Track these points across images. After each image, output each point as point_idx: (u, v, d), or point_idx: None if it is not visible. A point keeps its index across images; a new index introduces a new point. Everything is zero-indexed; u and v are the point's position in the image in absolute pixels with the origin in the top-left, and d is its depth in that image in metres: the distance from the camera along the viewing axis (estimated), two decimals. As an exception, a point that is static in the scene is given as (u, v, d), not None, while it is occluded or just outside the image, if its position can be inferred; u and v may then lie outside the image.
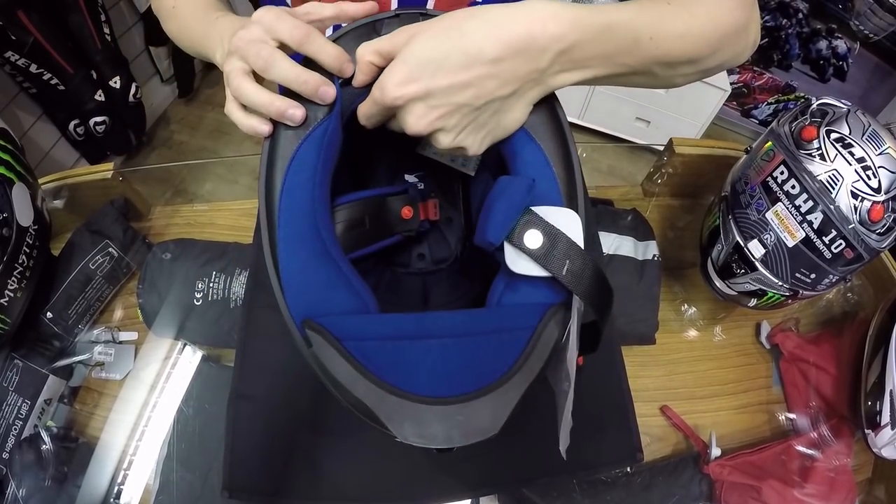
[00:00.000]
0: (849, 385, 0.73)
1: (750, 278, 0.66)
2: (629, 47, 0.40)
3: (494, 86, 0.37)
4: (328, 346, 0.36)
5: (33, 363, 0.70)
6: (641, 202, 0.94)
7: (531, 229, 0.37)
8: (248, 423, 0.55)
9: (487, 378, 0.36)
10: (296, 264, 0.39)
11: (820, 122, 0.59)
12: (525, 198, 0.38)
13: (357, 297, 0.39)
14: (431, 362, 0.36)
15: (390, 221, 0.50)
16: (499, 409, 0.35)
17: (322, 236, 0.39)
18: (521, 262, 0.38)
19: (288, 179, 0.40)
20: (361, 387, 0.35)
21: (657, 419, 0.74)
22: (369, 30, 0.43)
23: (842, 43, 1.98)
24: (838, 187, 0.56)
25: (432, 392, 0.35)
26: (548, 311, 0.38)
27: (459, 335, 0.37)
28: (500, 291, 0.40)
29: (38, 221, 0.71)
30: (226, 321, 0.70)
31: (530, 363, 0.37)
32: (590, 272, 0.38)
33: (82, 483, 0.65)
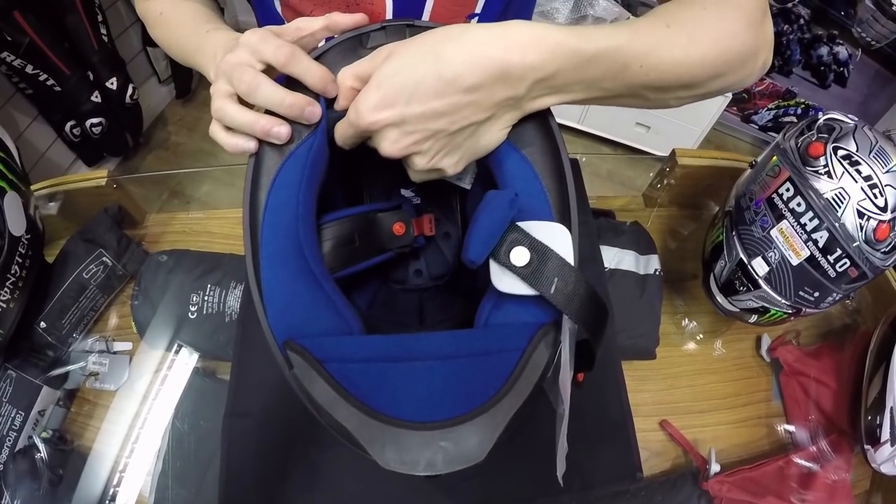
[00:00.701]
0: (849, 399, 0.73)
1: (753, 296, 0.65)
2: (616, 74, 0.39)
3: (470, 112, 0.37)
4: (309, 368, 0.35)
5: (27, 374, 0.69)
6: (643, 212, 0.93)
7: (517, 246, 0.36)
8: (243, 440, 0.55)
9: (473, 402, 0.34)
10: (278, 283, 0.38)
11: (827, 138, 0.58)
12: (507, 212, 0.37)
13: (340, 317, 0.38)
14: (415, 385, 0.35)
15: (381, 238, 0.49)
16: (485, 434, 0.34)
17: (305, 255, 0.39)
18: (508, 280, 0.37)
19: (271, 197, 0.39)
20: (342, 410, 0.34)
21: (656, 434, 0.74)
22: (355, 43, 0.42)
23: (843, 49, 1.98)
24: (844, 206, 0.56)
25: (415, 416, 0.34)
26: (538, 331, 0.37)
27: (444, 357, 0.36)
28: (487, 311, 0.39)
29: (30, 230, 0.70)
30: (221, 335, 0.69)
31: (519, 386, 0.35)
32: (581, 290, 0.36)
33: (75, 494, 0.64)
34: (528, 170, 0.41)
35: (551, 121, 0.42)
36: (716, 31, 0.41)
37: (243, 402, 0.56)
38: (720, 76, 0.43)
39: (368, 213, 0.49)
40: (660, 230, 0.90)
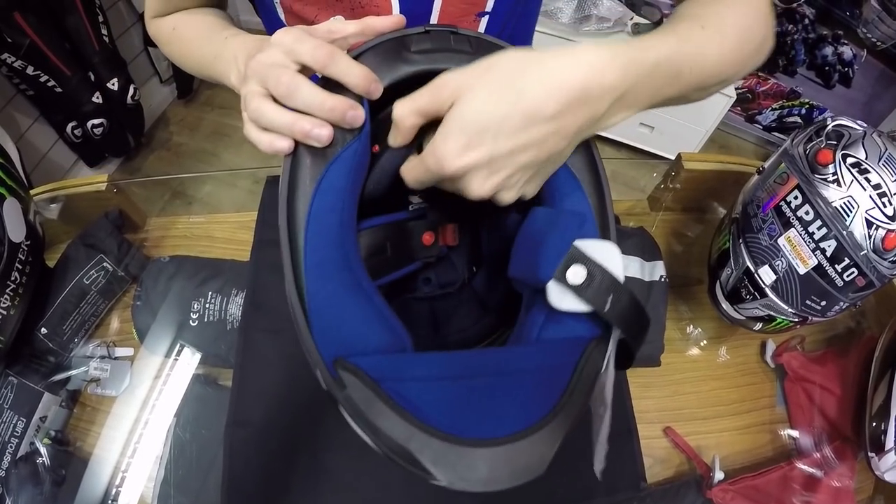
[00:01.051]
0: (853, 406, 0.72)
1: (759, 304, 0.64)
2: (672, 80, 0.41)
3: (556, 140, 0.36)
4: (365, 389, 0.33)
5: (28, 380, 0.68)
6: (647, 216, 0.92)
7: (574, 264, 0.37)
8: (244, 449, 0.54)
9: (534, 416, 0.34)
10: (324, 297, 0.37)
11: (836, 145, 0.58)
12: (577, 234, 0.38)
13: (392, 333, 0.37)
14: (477, 402, 0.34)
15: (412, 247, 0.49)
16: (546, 447, 0.34)
17: (353, 266, 0.37)
18: (566, 298, 0.37)
19: (315, 203, 0.38)
20: (403, 431, 0.32)
21: (660, 440, 0.73)
22: (398, 45, 0.41)
23: (848, 49, 1.97)
24: (853, 215, 0.55)
25: (478, 433, 0.33)
26: (589, 344, 0.38)
27: (503, 373, 0.36)
28: (539, 326, 0.39)
29: (30, 237, 0.69)
30: (223, 343, 0.68)
31: (575, 398, 0.36)
32: (630, 305, 0.37)
33: (76, 500, 0.64)
34: (579, 190, 0.42)
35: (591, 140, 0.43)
36: (739, 27, 0.45)
37: (244, 410, 0.55)
38: (745, 67, 0.47)
39: (401, 222, 0.48)
40: (665, 234, 0.89)
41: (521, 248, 0.39)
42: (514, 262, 0.40)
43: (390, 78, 0.40)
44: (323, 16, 0.56)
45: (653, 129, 2.08)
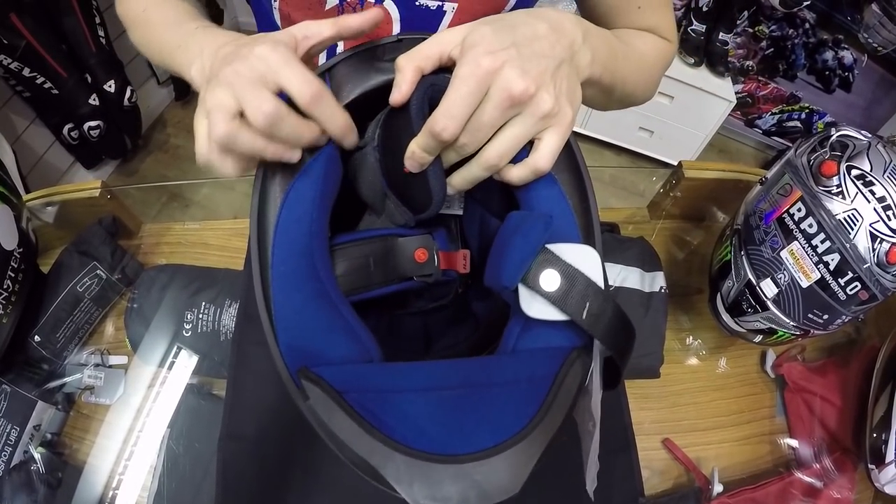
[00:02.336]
0: (853, 417, 0.72)
1: (761, 317, 0.64)
2: (614, 54, 0.44)
3: (561, 46, 0.37)
4: (327, 399, 0.32)
5: (21, 388, 0.68)
6: (647, 224, 0.92)
7: (547, 269, 0.34)
8: (238, 464, 0.54)
9: (506, 432, 0.32)
10: (290, 306, 0.36)
11: (840, 156, 0.57)
12: (542, 236, 0.35)
13: (358, 343, 0.36)
14: (444, 416, 0.33)
15: (400, 264, 0.46)
16: (520, 465, 0.31)
17: (320, 276, 0.36)
18: (537, 306, 0.35)
19: (283, 214, 0.37)
20: (365, 444, 0.31)
21: (659, 452, 0.73)
22: (370, 55, 0.40)
23: (848, 54, 1.96)
24: (857, 228, 0.54)
25: (445, 449, 0.31)
26: (569, 355, 0.35)
27: (473, 385, 0.34)
28: (515, 336, 0.37)
29: (22, 244, 0.68)
30: (216, 354, 0.67)
31: (552, 413, 0.33)
32: (610, 313, 0.35)
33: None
34: (556, 189, 0.39)
35: (571, 137, 0.40)
36: (651, 56, 0.55)
37: (238, 424, 0.54)
38: (648, 90, 0.56)
39: (387, 237, 0.46)
40: (665, 242, 0.89)
41: (492, 254, 0.37)
42: (487, 269, 0.38)
43: (362, 88, 0.39)
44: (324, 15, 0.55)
45: (652, 133, 2.07)
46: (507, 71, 0.34)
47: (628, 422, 0.60)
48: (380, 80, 0.40)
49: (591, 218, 0.39)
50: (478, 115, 0.35)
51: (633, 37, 0.54)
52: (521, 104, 0.35)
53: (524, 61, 0.35)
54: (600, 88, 0.45)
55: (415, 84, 0.36)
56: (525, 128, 0.36)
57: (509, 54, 0.34)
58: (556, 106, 0.36)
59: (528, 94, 0.34)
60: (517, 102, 0.35)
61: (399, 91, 0.36)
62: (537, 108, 0.35)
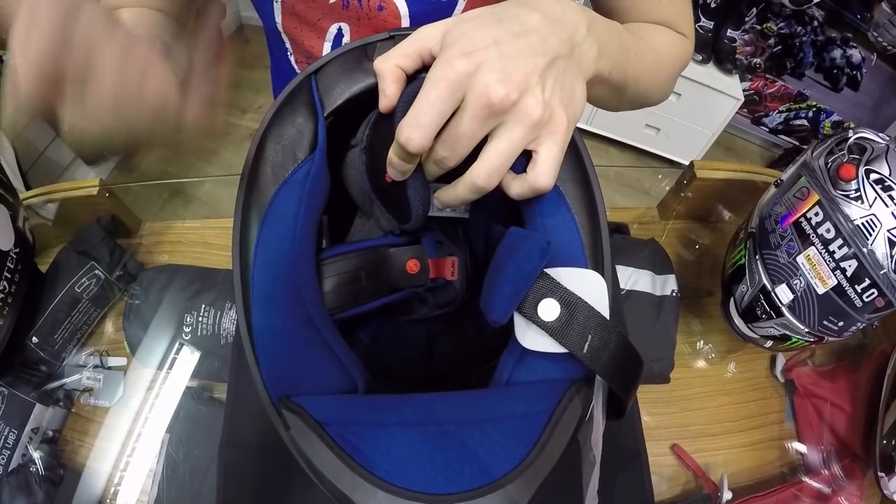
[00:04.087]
0: (863, 423, 0.71)
1: (775, 323, 0.62)
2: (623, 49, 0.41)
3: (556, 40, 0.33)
4: (308, 431, 0.31)
5: (19, 391, 0.66)
6: (657, 225, 0.90)
7: (546, 298, 0.32)
8: (239, 472, 0.52)
9: (497, 471, 0.30)
10: (272, 332, 0.34)
11: (858, 159, 0.55)
12: (538, 264, 0.33)
13: (343, 373, 0.35)
14: (429, 453, 0.31)
15: (392, 276, 0.44)
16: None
17: (304, 299, 0.35)
18: (534, 337, 0.33)
19: (263, 232, 0.35)
20: (347, 480, 0.30)
21: (667, 458, 0.71)
22: (359, 54, 0.38)
23: (856, 52, 1.95)
24: (875, 233, 0.53)
25: (429, 488, 0.30)
26: (568, 389, 0.33)
27: (463, 421, 0.32)
28: (510, 367, 0.35)
29: (19, 244, 0.67)
30: (216, 358, 0.66)
31: (548, 452, 0.31)
32: (614, 346, 0.32)
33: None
34: (561, 203, 0.36)
35: (580, 143, 0.38)
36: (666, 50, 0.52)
37: (239, 431, 0.53)
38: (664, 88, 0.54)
39: (379, 248, 0.44)
40: (675, 243, 0.87)
41: (486, 278, 0.35)
42: (482, 293, 0.35)
43: (350, 92, 0.37)
44: (326, 22, 0.54)
45: (659, 130, 2.06)
46: (483, 75, 0.30)
47: (639, 429, 0.59)
48: (369, 82, 0.37)
49: (599, 235, 0.36)
50: (454, 125, 0.31)
51: (647, 31, 0.51)
52: (503, 113, 0.31)
53: (506, 62, 0.31)
54: (610, 87, 0.41)
55: (400, 86, 0.34)
56: (512, 140, 0.32)
57: (489, 54, 0.30)
58: (546, 112, 0.32)
59: (510, 101, 0.31)
60: (498, 111, 0.31)
61: (385, 97, 0.34)
62: (524, 117, 0.31)
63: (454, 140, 0.32)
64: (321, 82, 0.38)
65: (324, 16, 0.53)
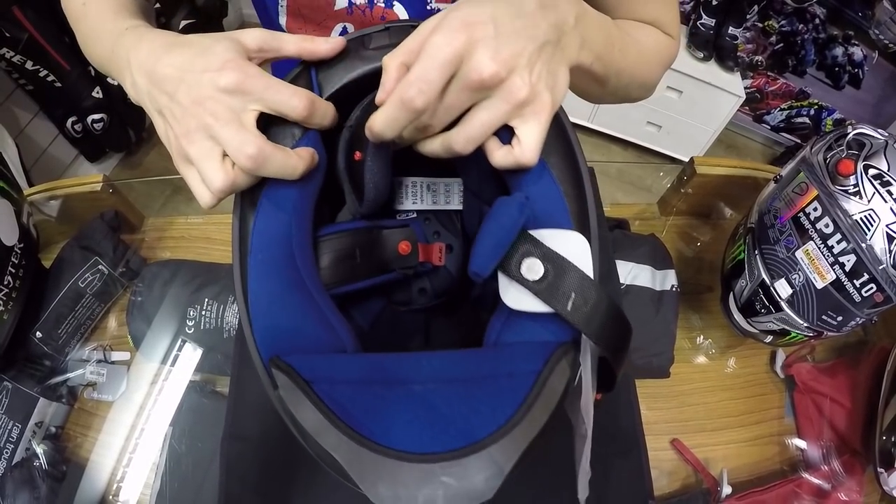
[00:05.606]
0: (863, 419, 0.71)
1: (774, 318, 0.63)
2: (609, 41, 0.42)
3: (546, 25, 0.34)
4: (295, 389, 0.31)
5: (23, 385, 0.67)
6: (657, 221, 0.91)
7: (530, 257, 0.32)
8: (242, 465, 0.53)
9: (481, 431, 0.30)
10: (266, 295, 0.35)
11: (857, 155, 0.56)
12: (516, 218, 0.33)
13: (332, 333, 0.35)
14: (414, 412, 0.31)
15: (385, 256, 0.45)
16: (494, 468, 0.29)
17: (298, 265, 0.36)
18: (518, 296, 0.33)
19: (263, 202, 0.36)
20: (331, 438, 0.30)
21: (667, 453, 0.72)
22: (357, 44, 0.39)
23: (858, 50, 1.94)
24: (874, 228, 0.53)
25: (414, 447, 0.29)
26: (555, 351, 0.32)
27: (448, 380, 0.32)
28: (498, 329, 0.35)
29: (23, 239, 0.68)
30: (219, 351, 0.67)
31: (533, 414, 0.31)
32: (602, 306, 0.32)
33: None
34: (545, 172, 0.37)
35: (565, 120, 0.38)
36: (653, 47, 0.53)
37: (242, 423, 0.53)
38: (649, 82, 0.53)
39: (373, 229, 0.45)
40: (675, 239, 0.88)
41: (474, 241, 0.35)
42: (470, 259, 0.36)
43: (347, 78, 0.38)
44: (332, 21, 0.54)
45: (660, 128, 2.06)
46: (479, 51, 0.32)
47: (639, 422, 0.59)
48: (365, 69, 0.39)
49: (585, 205, 0.37)
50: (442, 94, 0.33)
51: (635, 28, 0.52)
52: (491, 89, 0.33)
53: (500, 40, 0.32)
54: (592, 78, 0.42)
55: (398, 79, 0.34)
56: (495, 114, 0.34)
57: (486, 30, 0.32)
58: (531, 93, 0.33)
59: (499, 79, 0.32)
60: (486, 87, 0.32)
61: (383, 90, 0.35)
62: (509, 95, 0.33)
63: (441, 108, 0.33)
64: (321, 70, 0.39)
65: (328, 17, 0.54)
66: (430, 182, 0.50)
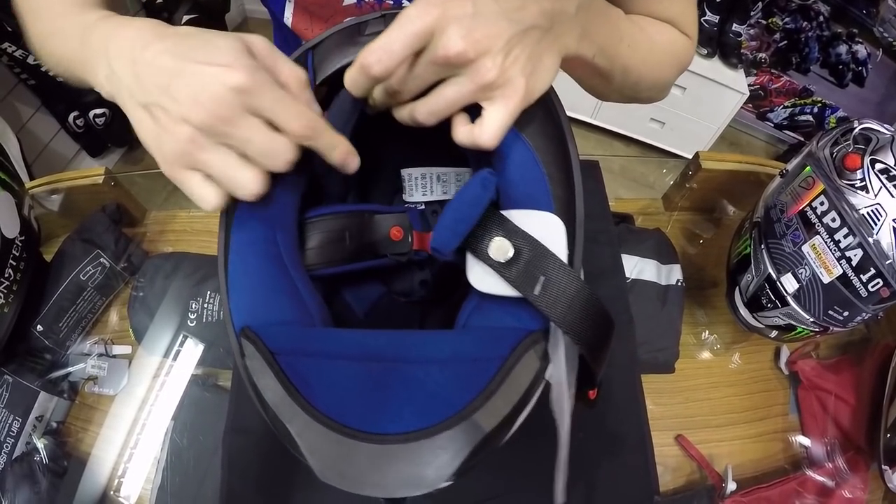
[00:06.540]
0: (867, 416, 0.71)
1: (780, 313, 0.62)
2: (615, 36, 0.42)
3: (537, 10, 0.33)
4: (259, 359, 0.31)
5: (24, 379, 0.67)
6: (662, 216, 0.90)
7: (498, 237, 0.32)
8: (244, 459, 0.52)
9: (438, 415, 0.29)
10: (244, 267, 0.35)
11: (864, 149, 0.55)
12: (479, 193, 0.32)
13: (301, 306, 0.35)
14: (371, 390, 0.30)
15: (376, 240, 0.45)
16: (448, 455, 0.28)
17: (277, 241, 0.36)
18: (485, 277, 0.32)
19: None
20: (287, 410, 0.29)
21: (672, 448, 0.71)
22: (353, 31, 0.39)
23: (862, 48, 1.94)
24: (881, 223, 0.53)
25: (367, 426, 0.28)
26: (524, 339, 0.31)
27: (409, 360, 0.31)
28: (468, 312, 0.34)
29: (24, 232, 0.67)
30: (222, 345, 0.66)
31: (495, 402, 0.29)
32: (572, 293, 0.30)
33: (74, 501, 0.62)
34: (526, 153, 0.35)
35: (558, 106, 0.37)
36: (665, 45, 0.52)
37: (244, 417, 0.53)
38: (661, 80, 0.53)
39: (364, 213, 0.45)
40: (679, 235, 0.87)
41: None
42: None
43: (340, 63, 0.38)
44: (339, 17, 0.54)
45: (663, 124, 2.05)
46: (451, 28, 0.31)
47: (645, 418, 0.59)
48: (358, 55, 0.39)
49: (573, 191, 0.35)
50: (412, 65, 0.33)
51: (650, 25, 0.50)
52: (458, 67, 0.32)
53: (476, 20, 0.31)
54: (595, 71, 0.42)
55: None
56: (459, 92, 0.33)
57: (463, 9, 0.31)
58: (500, 77, 0.32)
59: (465, 58, 0.31)
60: (452, 64, 0.32)
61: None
62: (476, 76, 0.32)
63: (408, 77, 0.33)
64: (317, 56, 0.39)
65: (336, 13, 0.54)
66: (440, 173, 0.50)
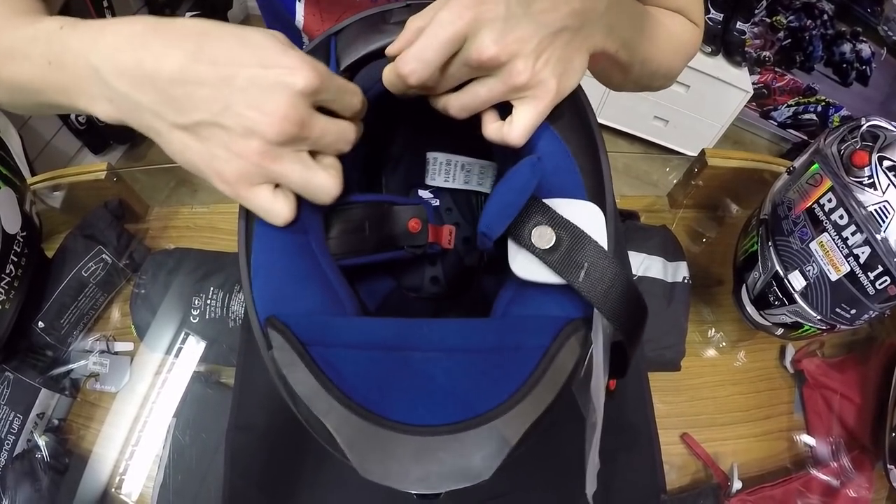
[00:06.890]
0: (872, 415, 0.71)
1: (787, 310, 0.62)
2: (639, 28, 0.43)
3: (567, 10, 0.33)
4: (290, 350, 0.29)
5: (25, 376, 0.67)
6: (667, 213, 0.90)
7: (541, 224, 0.31)
8: (247, 456, 0.52)
9: (481, 406, 0.28)
10: (268, 253, 0.34)
11: (871, 146, 0.55)
12: (528, 178, 0.31)
13: (332, 294, 0.34)
14: (411, 381, 0.29)
15: (394, 232, 0.44)
16: (493, 446, 0.27)
17: (305, 227, 0.34)
18: (528, 265, 0.32)
19: None
20: (322, 403, 0.28)
21: (677, 447, 0.71)
22: (378, 18, 0.39)
23: (866, 47, 1.93)
24: (889, 220, 0.52)
25: (409, 419, 0.28)
26: (565, 327, 0.31)
27: (450, 349, 0.30)
28: (506, 300, 0.34)
29: (26, 227, 0.67)
30: (224, 341, 0.66)
31: (539, 391, 0.29)
32: (616, 282, 0.30)
33: (75, 498, 0.62)
34: (559, 146, 0.36)
35: (584, 100, 0.38)
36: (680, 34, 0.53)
37: (248, 414, 0.53)
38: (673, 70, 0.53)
39: (384, 203, 0.44)
40: (685, 232, 0.87)
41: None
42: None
43: (365, 50, 0.38)
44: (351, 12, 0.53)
45: (667, 122, 2.04)
46: (484, 32, 0.31)
47: (651, 416, 0.58)
48: (383, 42, 0.38)
49: (602, 180, 0.35)
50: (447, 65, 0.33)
51: (665, 16, 0.51)
52: (490, 69, 0.33)
53: (508, 23, 0.31)
54: (616, 65, 0.42)
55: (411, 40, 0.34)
56: (492, 91, 0.34)
57: (496, 11, 0.31)
58: (531, 79, 0.33)
59: (498, 62, 0.32)
60: (485, 67, 0.33)
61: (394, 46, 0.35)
62: (508, 78, 0.33)
63: (443, 76, 0.34)
64: (340, 42, 0.39)
65: (349, 7, 0.53)
66: (465, 162, 0.49)
